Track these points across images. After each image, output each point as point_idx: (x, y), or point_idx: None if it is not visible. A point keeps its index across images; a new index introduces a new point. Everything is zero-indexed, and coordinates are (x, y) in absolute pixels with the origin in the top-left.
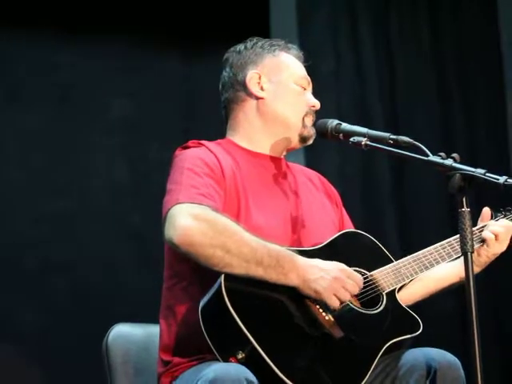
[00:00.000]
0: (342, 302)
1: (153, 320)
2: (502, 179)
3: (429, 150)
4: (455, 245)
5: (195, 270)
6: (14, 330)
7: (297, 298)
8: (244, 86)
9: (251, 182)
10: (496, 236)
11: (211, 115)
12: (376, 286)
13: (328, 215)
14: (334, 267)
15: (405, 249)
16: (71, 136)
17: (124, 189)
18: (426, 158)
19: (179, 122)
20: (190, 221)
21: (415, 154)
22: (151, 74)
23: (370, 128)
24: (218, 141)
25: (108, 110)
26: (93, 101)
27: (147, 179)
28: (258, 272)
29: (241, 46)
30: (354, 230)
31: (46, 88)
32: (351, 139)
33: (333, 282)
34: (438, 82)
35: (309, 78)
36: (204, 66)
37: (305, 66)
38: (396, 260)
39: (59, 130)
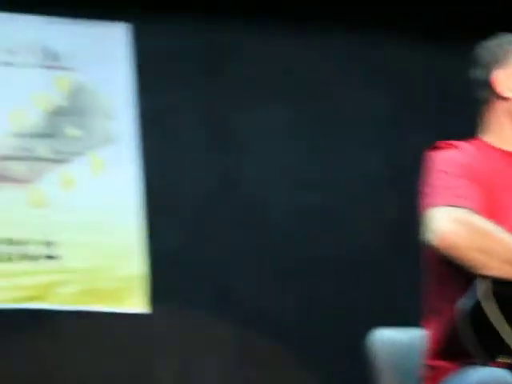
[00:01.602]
0: None
1: (414, 325)
2: None
3: None
4: None
5: (457, 273)
6: (274, 319)
7: None
8: (490, 86)
9: (507, 182)
10: None
11: (463, 112)
12: None
13: None
14: None
15: None
16: (323, 129)
17: (380, 181)
18: None
19: (434, 117)
20: (449, 224)
21: None
22: (405, 66)
23: None
24: (469, 141)
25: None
26: (344, 94)
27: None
28: None
29: (488, 43)
30: None
31: (289, 85)
32: None
33: None
34: None
35: None
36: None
37: None
38: None
39: (310, 122)
